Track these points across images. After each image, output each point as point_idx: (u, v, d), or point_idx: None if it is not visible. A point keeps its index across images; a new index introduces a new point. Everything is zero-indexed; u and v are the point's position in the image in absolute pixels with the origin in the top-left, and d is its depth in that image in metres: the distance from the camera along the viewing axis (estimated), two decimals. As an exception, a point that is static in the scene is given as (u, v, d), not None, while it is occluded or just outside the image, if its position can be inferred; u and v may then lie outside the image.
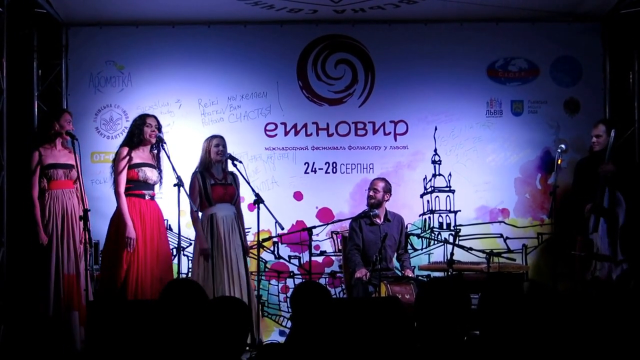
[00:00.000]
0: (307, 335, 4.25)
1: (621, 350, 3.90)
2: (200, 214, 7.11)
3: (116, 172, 6.93)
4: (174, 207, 6.79)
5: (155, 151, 7.09)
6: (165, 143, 7.01)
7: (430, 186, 8.17)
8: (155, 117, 7.17)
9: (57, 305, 6.79)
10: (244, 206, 7.51)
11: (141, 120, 7.07)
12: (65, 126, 6.97)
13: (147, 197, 6.98)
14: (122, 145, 7.07)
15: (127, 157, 6.93)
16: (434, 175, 8.16)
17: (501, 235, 8.11)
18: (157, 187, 7.10)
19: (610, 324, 4.02)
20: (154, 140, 7.02)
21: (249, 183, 7.05)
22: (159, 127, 7.10)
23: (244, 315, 3.67)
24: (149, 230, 6.91)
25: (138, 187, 6.96)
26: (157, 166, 7.07)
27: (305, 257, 7.87)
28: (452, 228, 8.11)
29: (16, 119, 7.50)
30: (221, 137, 7.21)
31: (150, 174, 6.98)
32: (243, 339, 3.66)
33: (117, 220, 6.90)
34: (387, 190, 7.61)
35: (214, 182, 7.10)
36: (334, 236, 8.10)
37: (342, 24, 8.14)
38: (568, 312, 3.97)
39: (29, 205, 6.86)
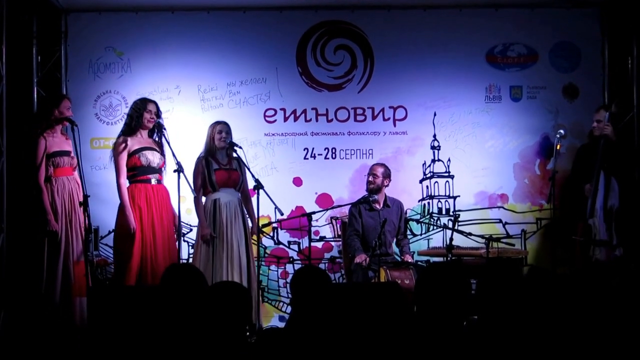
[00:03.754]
0: (306, 320, 4.27)
1: (620, 335, 3.92)
2: (204, 198, 7.13)
3: (116, 164, 6.94)
4: (174, 192, 6.79)
5: (156, 137, 7.09)
6: (165, 129, 7.02)
7: (430, 172, 8.18)
8: (156, 103, 7.15)
9: (64, 292, 6.76)
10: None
11: (142, 105, 7.05)
12: (65, 112, 6.94)
13: (153, 182, 6.97)
14: (120, 134, 7.06)
15: (125, 146, 6.93)
16: (433, 161, 8.17)
17: (500, 221, 8.13)
18: (162, 171, 7.07)
19: (610, 309, 4.04)
20: (151, 126, 7.03)
21: (248, 169, 7.06)
22: (158, 114, 7.10)
23: (244, 299, 3.70)
24: (157, 215, 6.91)
25: (143, 173, 6.95)
26: (160, 151, 7.05)
27: (305, 242, 7.89)
28: (451, 213, 8.13)
29: (16, 105, 7.49)
30: (225, 124, 7.20)
31: (152, 156, 6.97)
32: (243, 323, 3.68)
33: (121, 211, 6.91)
34: (387, 175, 7.61)
35: (218, 167, 7.10)
36: (334, 222, 8.12)
37: (341, 10, 8.12)
38: (567, 296, 3.99)
39: (37, 192, 6.81)
